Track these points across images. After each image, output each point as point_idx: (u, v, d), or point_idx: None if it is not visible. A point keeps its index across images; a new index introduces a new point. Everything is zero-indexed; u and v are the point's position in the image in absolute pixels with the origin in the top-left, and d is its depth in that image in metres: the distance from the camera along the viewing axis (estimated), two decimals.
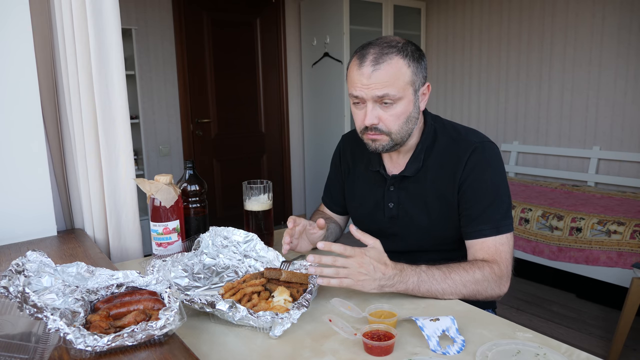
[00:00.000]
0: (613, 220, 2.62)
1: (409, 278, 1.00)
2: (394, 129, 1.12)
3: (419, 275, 1.01)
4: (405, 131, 1.14)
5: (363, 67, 1.08)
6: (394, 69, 1.07)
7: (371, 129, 1.12)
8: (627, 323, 2.18)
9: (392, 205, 1.24)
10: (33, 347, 0.70)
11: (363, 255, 0.97)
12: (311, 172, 4.66)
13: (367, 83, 1.08)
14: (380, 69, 1.07)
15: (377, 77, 1.07)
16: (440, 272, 1.02)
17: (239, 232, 1.22)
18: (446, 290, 1.02)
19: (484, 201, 1.12)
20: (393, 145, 1.15)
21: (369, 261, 0.97)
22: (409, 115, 1.13)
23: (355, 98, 1.12)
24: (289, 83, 4.54)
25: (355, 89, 1.10)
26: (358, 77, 1.09)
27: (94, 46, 1.29)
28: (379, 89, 1.07)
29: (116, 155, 1.36)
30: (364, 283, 0.97)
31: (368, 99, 1.09)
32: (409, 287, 1.01)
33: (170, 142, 4.00)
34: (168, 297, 0.83)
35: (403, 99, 1.10)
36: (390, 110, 1.10)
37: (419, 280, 1.01)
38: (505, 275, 1.08)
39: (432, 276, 1.02)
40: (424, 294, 1.02)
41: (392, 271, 0.98)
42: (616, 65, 3.39)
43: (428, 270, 1.02)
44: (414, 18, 4.54)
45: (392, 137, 1.13)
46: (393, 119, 1.11)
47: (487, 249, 1.10)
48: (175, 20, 3.88)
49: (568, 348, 0.83)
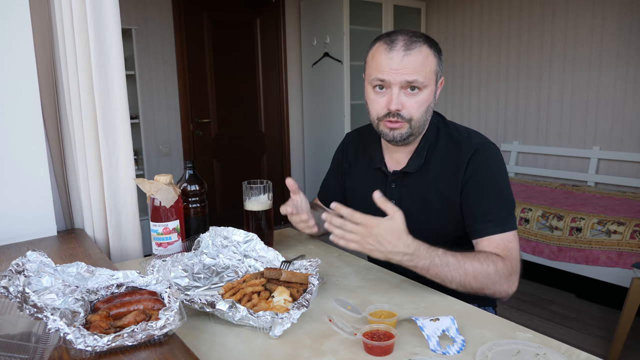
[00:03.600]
0: (613, 220, 2.62)
1: (420, 261, 0.99)
2: (415, 116, 1.12)
3: (432, 259, 1.00)
4: (424, 121, 1.15)
5: (393, 51, 1.08)
6: (423, 56, 1.09)
7: (393, 115, 1.12)
8: (627, 323, 2.18)
9: (394, 202, 1.24)
10: (33, 347, 0.70)
11: (371, 227, 0.96)
12: (311, 172, 4.66)
13: (397, 68, 1.08)
14: (411, 54, 1.08)
15: (408, 63, 1.08)
16: (455, 259, 1.01)
17: (239, 232, 1.22)
18: (455, 279, 1.01)
19: (488, 201, 1.12)
20: (410, 135, 1.15)
21: (377, 233, 0.96)
22: (429, 105, 1.14)
23: (381, 82, 1.11)
24: (289, 83, 4.54)
25: (383, 73, 1.10)
26: (386, 62, 1.09)
27: (94, 46, 1.29)
28: (409, 74, 1.08)
29: (116, 155, 1.36)
30: (371, 251, 0.98)
31: (396, 83, 1.09)
32: (418, 268, 1.01)
33: (170, 142, 4.00)
34: (168, 297, 0.83)
35: (428, 87, 1.11)
36: (414, 97, 1.11)
37: (431, 263, 1.00)
38: (515, 271, 1.07)
39: (446, 263, 1.01)
40: (432, 277, 1.02)
41: (403, 248, 0.97)
42: (616, 66, 3.39)
43: (443, 255, 1.01)
44: (414, 18, 4.54)
45: (412, 124, 1.13)
46: (417, 106, 1.11)
47: (496, 245, 1.09)
48: (175, 20, 3.88)
49: (568, 348, 0.83)
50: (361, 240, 0.97)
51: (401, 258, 0.98)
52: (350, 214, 0.98)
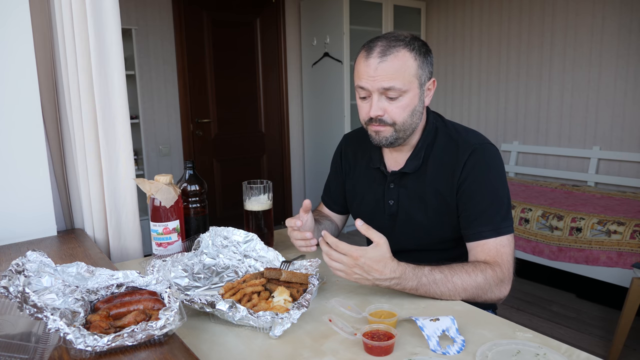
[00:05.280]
0: (613, 220, 2.62)
1: (407, 283, 1.00)
2: (398, 120, 1.13)
3: (419, 279, 1.01)
4: (410, 124, 1.15)
5: (370, 59, 1.10)
6: (400, 61, 1.09)
7: (375, 121, 1.13)
8: (627, 323, 2.18)
9: (392, 202, 1.24)
10: (33, 347, 0.70)
11: (357, 258, 0.96)
12: (311, 172, 4.66)
13: (374, 75, 1.09)
14: (386, 60, 1.08)
15: (384, 69, 1.08)
16: (442, 275, 1.02)
17: (239, 232, 1.22)
18: (445, 293, 1.02)
19: (483, 203, 1.12)
20: (396, 139, 1.15)
21: (363, 263, 0.97)
22: (414, 109, 1.14)
23: (362, 89, 1.13)
24: (289, 83, 4.54)
25: (362, 80, 1.12)
26: (365, 69, 1.11)
27: (94, 46, 1.29)
28: (385, 80, 1.08)
29: (116, 155, 1.36)
30: (358, 280, 1.00)
31: (374, 90, 1.11)
32: (406, 289, 1.02)
33: (170, 142, 4.00)
34: (168, 297, 0.83)
35: (408, 92, 1.11)
36: (395, 102, 1.11)
37: (419, 284, 1.01)
38: (506, 278, 1.07)
39: (433, 281, 1.01)
40: (422, 295, 1.03)
41: (389, 274, 0.98)
42: (616, 65, 3.39)
43: (430, 273, 1.02)
44: (414, 18, 4.54)
45: (396, 128, 1.14)
46: (399, 110, 1.12)
47: (487, 250, 1.09)
48: (175, 20, 3.88)
49: (568, 348, 0.83)
50: (347, 270, 0.99)
51: (389, 284, 1.00)
52: (335, 243, 0.98)
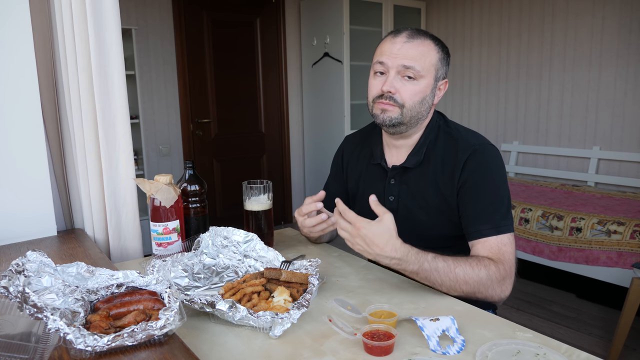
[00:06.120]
0: (613, 220, 2.62)
1: (409, 265, 1.00)
2: (408, 102, 1.14)
3: (421, 264, 1.00)
4: (417, 112, 1.16)
5: (397, 38, 1.14)
6: (424, 47, 1.13)
7: (385, 97, 1.14)
8: (627, 323, 2.18)
9: (393, 198, 1.24)
10: (33, 347, 0.70)
11: (359, 229, 0.98)
12: (311, 172, 4.66)
13: (397, 52, 1.13)
14: (412, 42, 1.13)
15: (408, 49, 1.12)
16: (445, 264, 1.02)
17: (239, 232, 1.22)
18: (445, 283, 1.02)
19: (483, 202, 1.12)
20: (400, 123, 1.16)
21: (364, 235, 0.97)
22: (425, 98, 1.16)
23: (380, 65, 1.15)
24: (289, 83, 4.54)
25: (383, 56, 1.15)
26: (389, 46, 1.14)
27: (94, 46, 1.29)
28: (407, 59, 1.12)
29: (116, 155, 1.36)
30: (360, 251, 1.01)
31: (393, 67, 1.13)
32: (406, 272, 1.02)
33: (170, 142, 4.00)
34: (168, 297, 0.83)
35: (425, 78, 1.14)
36: (410, 84, 1.14)
37: (420, 268, 1.00)
38: (508, 276, 1.06)
39: (435, 268, 1.01)
40: (421, 280, 1.04)
41: (390, 252, 0.98)
42: (616, 65, 3.39)
43: (433, 260, 1.01)
44: (414, 18, 4.54)
45: (403, 111, 1.15)
46: (411, 93, 1.14)
47: (489, 247, 1.09)
48: (175, 20, 3.88)
49: (568, 348, 0.83)
50: (351, 239, 1.00)
51: (389, 262, 1.00)
52: (344, 211, 1.00)
